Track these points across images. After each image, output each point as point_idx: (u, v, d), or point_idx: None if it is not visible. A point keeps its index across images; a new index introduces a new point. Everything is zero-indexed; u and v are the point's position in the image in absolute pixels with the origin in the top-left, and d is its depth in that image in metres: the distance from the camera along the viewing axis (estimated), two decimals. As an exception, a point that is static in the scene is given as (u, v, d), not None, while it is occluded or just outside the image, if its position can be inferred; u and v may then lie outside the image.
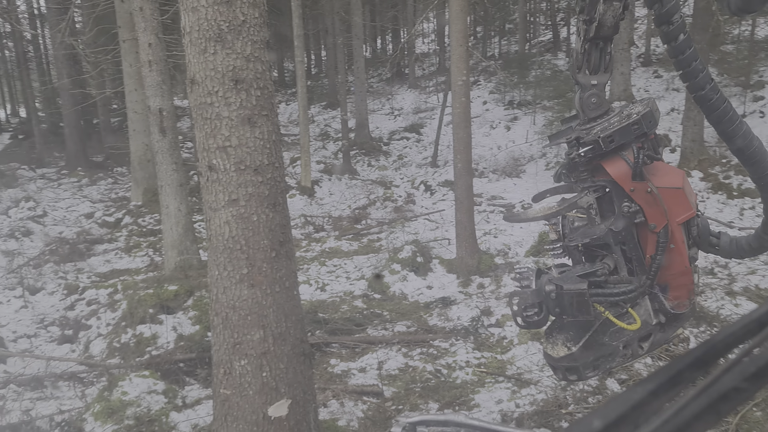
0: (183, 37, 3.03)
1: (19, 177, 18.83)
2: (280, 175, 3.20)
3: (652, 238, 1.16)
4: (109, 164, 20.53)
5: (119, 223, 12.62)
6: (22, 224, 12.75)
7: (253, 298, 3.14)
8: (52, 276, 9.25)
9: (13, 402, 5.49)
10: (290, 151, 18.38)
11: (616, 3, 1.13)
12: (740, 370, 0.42)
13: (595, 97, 1.24)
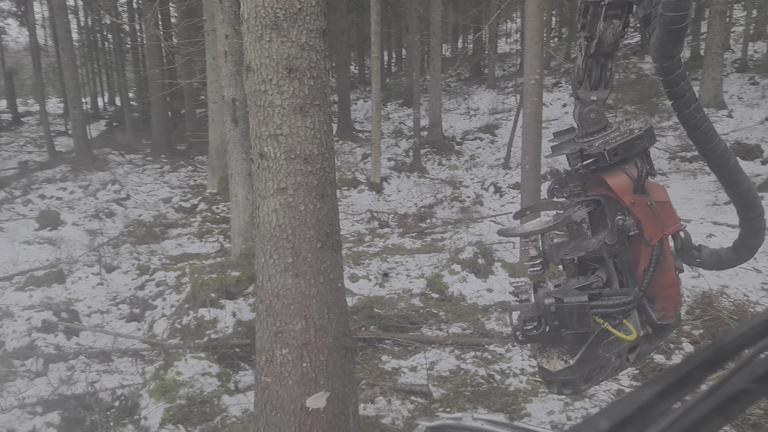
0: (242, 24, 3.06)
1: (109, 161, 19.96)
2: (330, 166, 3.17)
3: (646, 251, 1.18)
4: (190, 152, 21.40)
5: (194, 209, 13.10)
6: (107, 206, 13.48)
7: (296, 288, 3.13)
8: (127, 256, 9.72)
9: (81, 373, 5.77)
10: (363, 147, 18.53)
11: (615, 21, 1.17)
12: (749, 372, 0.42)
13: (594, 112, 1.27)
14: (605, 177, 1.20)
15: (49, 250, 10.34)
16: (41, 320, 6.66)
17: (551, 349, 1.18)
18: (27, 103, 45.76)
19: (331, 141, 3.19)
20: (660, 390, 0.45)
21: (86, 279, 8.54)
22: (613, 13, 1.18)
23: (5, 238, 11.22)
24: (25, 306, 7.28)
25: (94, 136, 27.63)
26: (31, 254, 10.13)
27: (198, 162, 19.80)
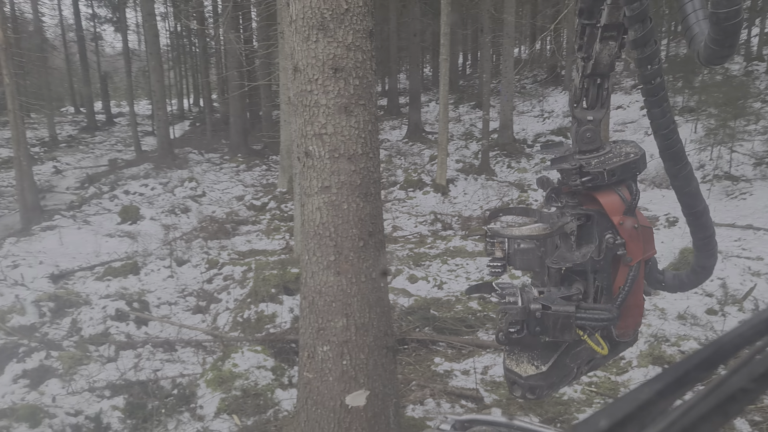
0: (289, 25, 3.12)
1: (189, 160, 20.84)
2: (374, 166, 3.18)
3: (623, 271, 1.22)
4: (265, 152, 22.03)
5: (264, 207, 13.49)
6: (183, 202, 14.08)
7: (338, 286, 3.16)
8: (198, 251, 10.12)
9: (147, 361, 6.06)
10: (431, 149, 18.48)
11: (611, 43, 1.19)
12: (748, 371, 0.42)
13: (589, 132, 1.30)
14: (598, 195, 1.23)
15: (127, 243, 10.94)
16: (115, 309, 7.04)
17: (521, 352, 1.20)
18: (120, 105, 48.60)
19: (376, 141, 3.20)
20: (659, 389, 0.45)
21: (158, 271, 8.96)
22: (609, 34, 1.19)
23: (91, 230, 11.95)
24: (102, 295, 7.72)
25: (177, 135, 28.98)
26: (111, 246, 10.74)
27: (272, 162, 20.36)
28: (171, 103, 33.88)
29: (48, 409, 4.65)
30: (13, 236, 11.96)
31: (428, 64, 36.98)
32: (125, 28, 31.97)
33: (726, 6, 0.96)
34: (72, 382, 5.44)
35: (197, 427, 4.72)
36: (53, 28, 43.51)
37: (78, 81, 42.31)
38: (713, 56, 1.01)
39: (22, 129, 13.84)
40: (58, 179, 21.17)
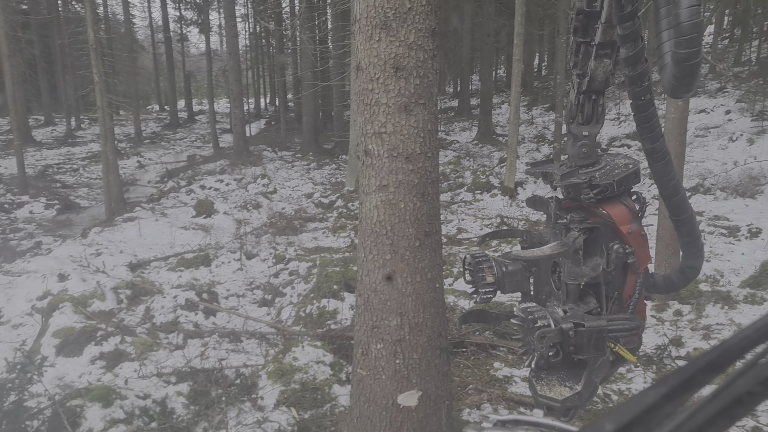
0: (353, 25, 3.15)
1: (263, 157, 21.44)
2: (433, 165, 3.16)
3: (631, 279, 1.26)
4: (335, 151, 22.37)
5: (332, 205, 13.69)
6: (255, 198, 14.50)
7: (393, 285, 3.16)
8: (267, 245, 10.39)
9: (213, 350, 6.27)
10: (501, 151, 18.21)
11: (606, 60, 1.24)
12: (755, 374, 0.42)
13: (585, 147, 1.35)
14: (605, 207, 1.27)
15: (200, 236, 11.37)
16: (186, 299, 7.34)
17: (549, 376, 1.20)
18: (201, 103, 50.69)
19: (435, 141, 3.18)
20: (665, 392, 0.45)
21: (228, 264, 9.27)
22: (603, 52, 1.24)
23: (167, 222, 12.50)
24: (174, 285, 8.06)
25: (253, 133, 29.90)
26: (185, 238, 11.20)
27: (341, 161, 20.65)
28: (248, 102, 34.99)
29: (120, 390, 4.88)
30: (98, 226, 12.69)
31: (502, 65, 36.46)
32: (208, 29, 33.28)
33: (686, 47, 1.02)
34: (143, 366, 5.71)
35: (257, 417, 4.83)
36: (143, 30, 45.88)
37: (164, 80, 44.42)
38: (674, 90, 1.07)
39: (110, 125, 14.65)
40: (141, 173, 22.31)
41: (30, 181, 18.91)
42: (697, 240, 1.29)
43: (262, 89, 47.99)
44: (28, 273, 8.51)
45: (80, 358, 5.86)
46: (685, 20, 1.03)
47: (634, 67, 1.12)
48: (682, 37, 1.03)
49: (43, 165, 23.26)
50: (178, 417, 4.77)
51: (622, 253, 1.21)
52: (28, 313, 7.17)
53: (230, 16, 21.62)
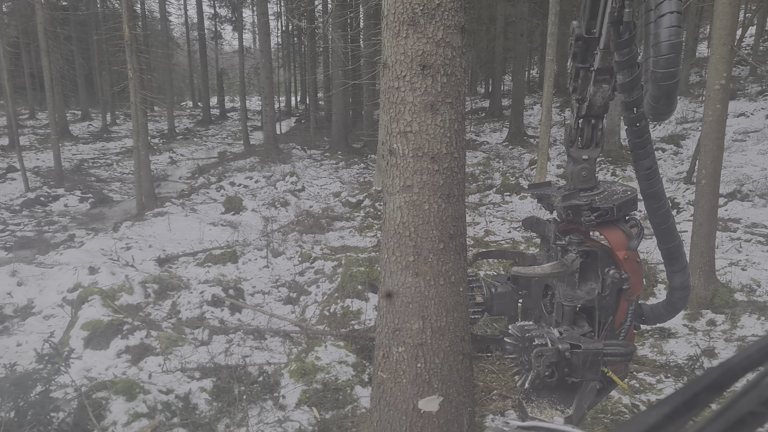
0: (381, 21, 3.09)
1: (292, 155, 21.55)
2: (459, 166, 3.08)
3: (623, 306, 1.29)
4: (364, 151, 22.37)
5: (359, 204, 13.67)
6: (283, 195, 14.56)
7: (416, 287, 3.09)
8: (293, 243, 10.41)
9: (237, 347, 6.29)
10: (532, 153, 17.97)
11: (605, 86, 1.26)
12: (757, 394, 0.41)
13: (585, 171, 1.40)
14: (603, 231, 1.29)
15: (228, 232, 11.45)
16: (212, 295, 7.38)
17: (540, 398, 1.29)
18: (233, 100, 51.31)
19: (462, 141, 3.10)
20: (668, 412, 0.45)
21: (255, 261, 9.30)
22: (602, 77, 1.26)
23: (196, 218, 12.63)
24: (201, 280, 8.13)
25: (283, 131, 30.11)
26: (214, 235, 11.29)
27: (369, 160, 20.64)
28: (279, 100, 35.22)
29: (144, 384, 4.92)
30: (129, 220, 12.88)
31: (535, 65, 36.05)
32: (242, 27, 33.60)
33: (663, 66, 1.02)
34: (167, 361, 5.75)
35: (279, 415, 4.82)
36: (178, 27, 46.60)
37: (197, 77, 45.03)
38: (652, 112, 1.07)
39: (143, 121, 14.87)
40: (172, 169, 22.63)
41: (66, 174, 19.33)
42: (684, 270, 1.28)
43: (293, 87, 48.33)
44: (61, 265, 8.66)
45: (107, 351, 5.93)
46: (664, 39, 1.04)
47: (630, 94, 1.13)
48: (659, 57, 1.02)
49: (79, 159, 23.76)
50: (201, 413, 4.79)
51: (617, 278, 1.23)
52: (59, 305, 7.29)
53: (263, 13, 21.77)
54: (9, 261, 9.15)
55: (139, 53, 14.54)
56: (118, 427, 4.39)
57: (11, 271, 7.93)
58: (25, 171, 17.70)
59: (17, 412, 3.95)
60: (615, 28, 1.23)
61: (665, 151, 15.92)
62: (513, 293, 1.50)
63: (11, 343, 6.32)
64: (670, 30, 1.05)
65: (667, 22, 1.05)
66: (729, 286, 6.69)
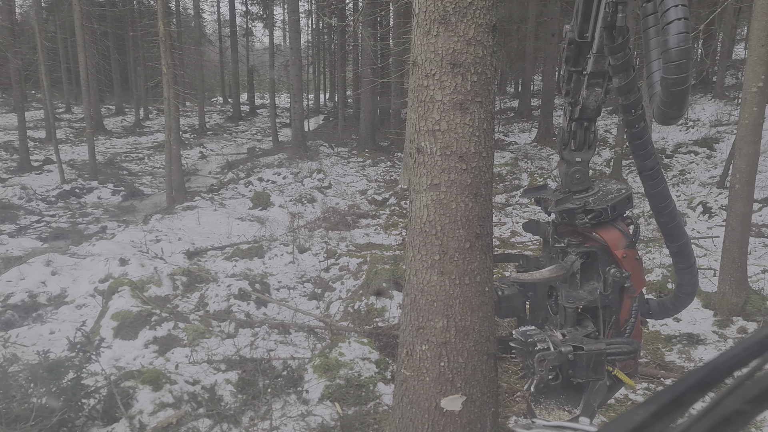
0: (412, 20, 3.09)
1: (320, 152, 21.66)
2: (487, 166, 3.07)
3: (627, 303, 1.29)
4: (391, 149, 22.37)
5: (385, 202, 13.68)
6: (310, 192, 14.65)
7: (441, 286, 3.09)
8: (319, 240, 10.47)
9: (262, 340, 6.36)
10: (560, 154, 17.75)
11: (597, 89, 1.27)
12: (743, 393, 0.42)
13: (579, 173, 1.39)
14: (600, 231, 1.30)
15: (256, 227, 11.57)
16: (239, 288, 7.47)
17: (548, 400, 1.19)
18: (263, 97, 51.77)
19: (491, 140, 3.09)
20: (654, 410, 0.45)
21: (281, 256, 9.39)
22: (595, 81, 1.27)
23: (225, 213, 12.79)
24: (228, 274, 8.23)
25: (312, 128, 30.29)
26: (241, 229, 11.42)
27: (396, 158, 20.64)
28: (308, 98, 35.43)
29: (170, 375, 5.00)
30: (159, 213, 13.11)
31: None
32: (272, 24, 33.87)
33: (674, 73, 1.03)
34: (194, 352, 5.84)
35: (302, 410, 4.86)
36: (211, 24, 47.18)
37: (228, 74, 45.55)
38: (663, 117, 1.09)
39: (175, 116, 15.11)
40: (202, 163, 22.94)
41: (99, 167, 19.74)
42: (693, 265, 1.30)
43: (322, 85, 48.57)
44: (93, 256, 8.86)
45: (135, 341, 6.05)
46: (674, 46, 1.05)
47: (627, 96, 1.15)
48: (670, 63, 1.03)
49: (112, 153, 24.25)
50: (226, 404, 4.85)
51: (619, 277, 1.24)
52: (91, 295, 7.46)
53: (294, 11, 21.92)
54: (44, 251, 9.39)
55: (172, 50, 14.77)
56: (145, 415, 4.47)
57: (46, 260, 8.14)
58: (61, 163, 18.13)
59: (49, 397, 4.06)
60: (608, 32, 1.25)
61: (698, 154, 15.61)
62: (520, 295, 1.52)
63: (45, 331, 6.48)
64: (678, 37, 1.06)
65: (676, 29, 1.07)
66: (761, 293, 6.54)
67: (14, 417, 3.69)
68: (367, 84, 20.73)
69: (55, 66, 32.17)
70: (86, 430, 4.34)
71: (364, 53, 22.02)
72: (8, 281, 7.51)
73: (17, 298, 7.21)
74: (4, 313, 6.93)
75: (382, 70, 23.24)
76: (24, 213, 14.44)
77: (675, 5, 1.11)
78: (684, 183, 13.68)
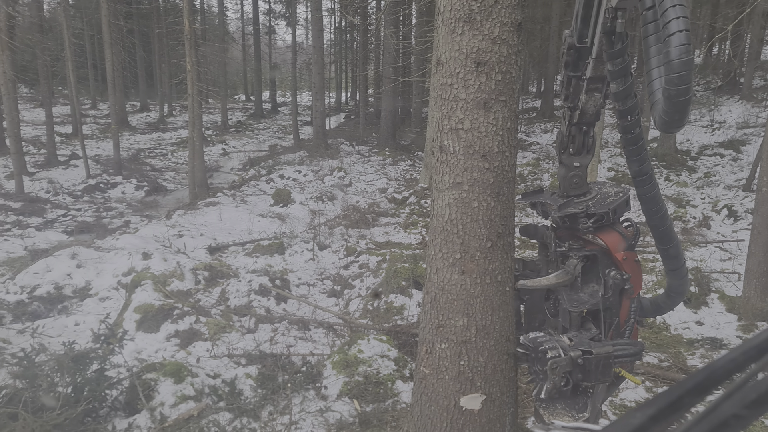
0: (436, 18, 3.10)
1: (340, 150, 21.73)
2: (510, 165, 3.06)
3: (626, 304, 1.34)
4: (412, 148, 22.36)
5: (405, 201, 13.69)
6: (330, 190, 14.71)
7: (461, 285, 3.09)
8: (339, 237, 10.52)
9: (282, 336, 6.41)
10: (583, 155, 17.59)
11: (596, 94, 1.31)
12: (741, 397, 0.42)
13: (577, 177, 1.45)
14: (600, 235, 1.35)
15: (276, 224, 11.66)
16: (259, 284, 7.54)
17: (554, 404, 1.23)
18: (284, 95, 52.06)
19: (514, 139, 3.08)
20: (652, 414, 0.45)
21: (301, 253, 9.45)
22: (594, 86, 1.31)
23: (246, 209, 12.90)
24: (249, 270, 8.30)
25: (333, 126, 30.38)
26: (262, 226, 11.51)
27: (417, 157, 20.62)
28: (329, 96, 35.55)
29: (192, 368, 5.07)
30: (182, 209, 13.26)
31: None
32: (295, 22, 34.02)
33: (677, 84, 1.05)
34: (215, 347, 5.91)
35: (320, 405, 4.89)
36: (234, 22, 47.56)
37: (250, 71, 45.89)
38: (665, 125, 1.10)
39: (198, 113, 15.26)
40: (224, 160, 23.14)
41: (124, 163, 20.02)
42: (683, 266, 1.33)
43: (344, 83, 48.68)
44: (116, 250, 9.00)
45: (157, 334, 6.14)
46: (676, 58, 1.07)
47: (624, 102, 1.17)
48: (672, 74, 1.05)
49: (136, 149, 24.57)
50: (246, 399, 4.90)
51: (619, 279, 1.27)
52: (114, 288, 7.57)
53: (317, 9, 22.00)
54: (70, 244, 9.56)
55: (197, 47, 14.92)
56: (166, 407, 4.53)
57: (72, 253, 8.28)
58: (87, 158, 18.42)
59: (74, 387, 4.14)
60: (607, 38, 1.27)
61: (723, 156, 15.36)
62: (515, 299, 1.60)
63: (69, 323, 6.60)
64: (680, 48, 1.08)
65: (677, 40, 1.09)
66: (788, 298, 6.42)
67: (41, 406, 3.77)
68: (389, 83, 20.74)
69: (81, 62, 32.69)
70: (109, 420, 4.41)
71: (386, 52, 22.03)
72: (35, 273, 7.66)
73: (43, 290, 7.36)
74: (31, 304, 7.08)
75: (403, 69, 23.23)
76: (51, 207, 14.72)
77: (677, 17, 1.12)
78: (709, 186, 13.47)
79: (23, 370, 3.98)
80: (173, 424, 4.26)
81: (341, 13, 34.80)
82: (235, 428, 4.50)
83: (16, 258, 9.80)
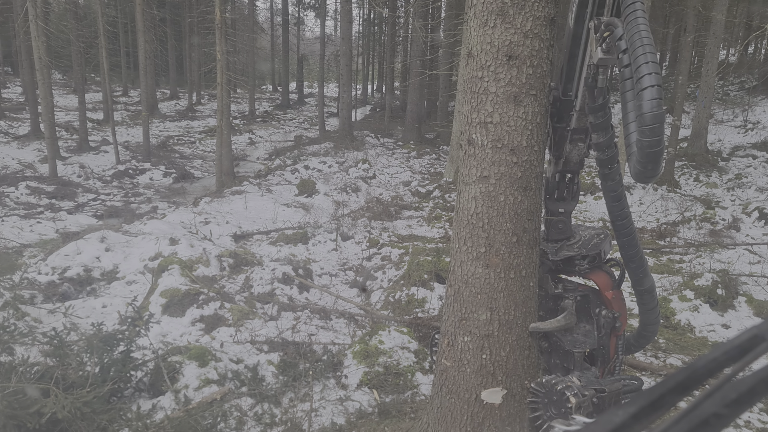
0: (467, 11, 3.09)
1: (365, 143, 21.75)
2: (538, 160, 3.03)
3: (613, 342, 1.48)
4: (437, 141, 22.30)
5: (429, 194, 13.67)
6: (355, 182, 14.75)
7: (485, 278, 3.09)
8: (362, 229, 10.56)
9: (304, 324, 6.47)
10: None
11: (580, 144, 1.51)
12: (721, 396, 0.43)
13: (562, 223, 1.59)
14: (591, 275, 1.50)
15: (300, 214, 11.74)
16: (282, 273, 7.61)
17: None
18: (311, 86, 52.22)
19: (544, 134, 3.05)
20: (634, 412, 0.46)
21: (324, 243, 9.51)
22: (578, 137, 1.48)
23: (271, 198, 13.01)
24: (273, 258, 8.39)
25: (358, 118, 30.41)
26: (287, 215, 11.60)
27: (441, 151, 20.56)
28: (356, 88, 35.53)
29: (215, 353, 5.15)
30: (208, 196, 13.42)
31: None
32: (324, 13, 34.04)
33: (649, 136, 1.11)
34: (238, 332, 5.99)
35: (340, 394, 4.94)
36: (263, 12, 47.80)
37: (278, 62, 46.09)
38: (639, 176, 1.18)
39: (227, 102, 15.40)
40: (251, 149, 23.33)
41: (153, 150, 20.31)
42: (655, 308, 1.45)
43: (370, 76, 48.64)
44: (144, 235, 9.15)
45: (182, 318, 6.24)
46: (648, 111, 1.12)
47: (605, 152, 1.33)
48: (645, 127, 1.11)
49: (165, 136, 24.89)
50: (268, 385, 4.97)
51: (610, 318, 1.42)
52: (141, 272, 7.71)
53: (346, 1, 22.00)
54: (99, 228, 9.74)
55: (227, 36, 15.04)
56: (190, 390, 4.62)
57: (101, 237, 8.45)
58: (117, 145, 18.72)
59: (102, 368, 4.24)
60: (590, 92, 1.33)
61: (756, 158, 15.03)
62: None
63: (98, 305, 6.75)
64: (652, 102, 1.13)
65: (649, 95, 1.13)
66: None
67: (71, 383, 3.87)
68: (416, 75, 20.67)
69: (114, 50, 33.18)
70: (134, 400, 4.51)
71: (414, 44, 21.96)
72: (66, 255, 7.83)
73: (73, 272, 7.52)
74: (61, 285, 7.25)
75: (431, 62, 23.12)
76: (82, 191, 15.01)
77: (649, 73, 1.16)
78: (740, 187, 13.19)
79: (54, 348, 4.09)
80: (197, 407, 4.34)
81: (370, 5, 34.72)
82: (257, 413, 4.57)
83: (48, 240, 10.04)
